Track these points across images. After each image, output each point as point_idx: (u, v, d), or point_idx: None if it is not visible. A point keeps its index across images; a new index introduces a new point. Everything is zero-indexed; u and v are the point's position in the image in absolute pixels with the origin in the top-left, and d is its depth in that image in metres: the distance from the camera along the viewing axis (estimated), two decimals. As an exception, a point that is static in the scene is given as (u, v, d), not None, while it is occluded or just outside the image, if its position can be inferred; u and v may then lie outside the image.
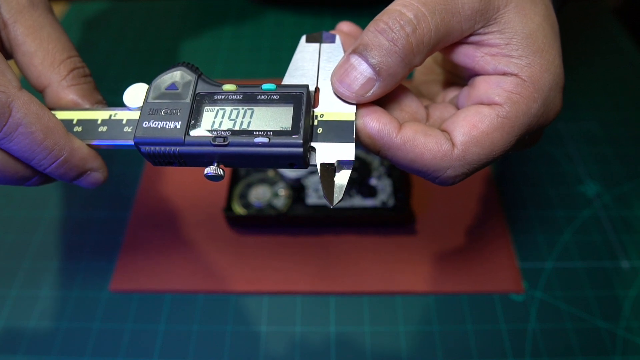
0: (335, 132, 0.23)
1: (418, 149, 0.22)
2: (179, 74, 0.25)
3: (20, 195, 0.44)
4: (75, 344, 0.35)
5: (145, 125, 0.24)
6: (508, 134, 0.23)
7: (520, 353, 0.34)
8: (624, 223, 0.41)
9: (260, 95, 0.24)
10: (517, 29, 0.23)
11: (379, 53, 0.22)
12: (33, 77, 0.29)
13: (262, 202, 0.40)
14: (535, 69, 0.23)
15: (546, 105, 0.24)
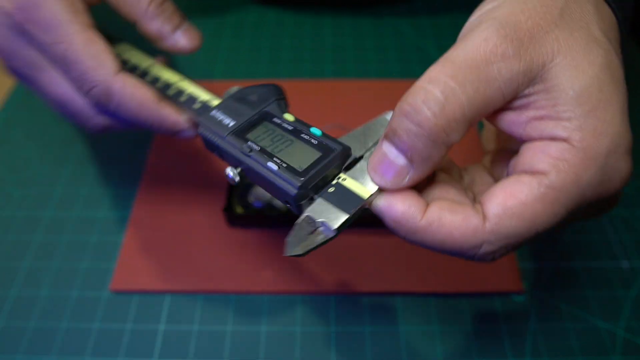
0: (342, 198, 0.23)
1: (445, 229, 0.21)
2: (264, 92, 0.28)
3: (20, 195, 0.44)
4: (75, 344, 0.35)
5: (212, 113, 0.28)
6: (553, 206, 0.20)
7: (520, 353, 0.34)
8: (624, 223, 0.41)
9: (305, 134, 0.25)
10: (565, 85, 0.20)
11: (407, 138, 0.20)
12: (125, 16, 0.36)
13: (262, 202, 0.40)
14: (588, 132, 0.20)
15: (604, 172, 0.20)
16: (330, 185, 0.24)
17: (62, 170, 0.46)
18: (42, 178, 0.46)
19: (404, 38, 0.58)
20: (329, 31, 0.60)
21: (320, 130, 0.25)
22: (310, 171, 0.23)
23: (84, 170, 0.46)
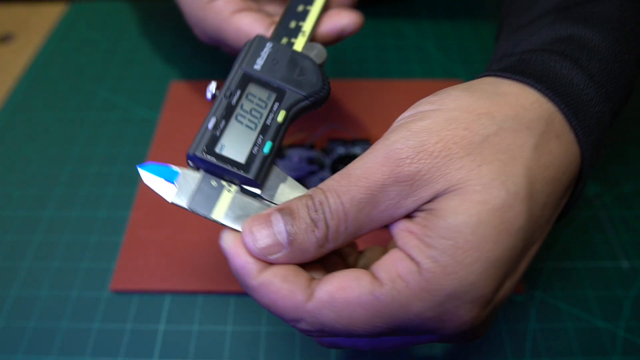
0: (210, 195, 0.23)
1: (272, 295, 0.20)
2: (309, 80, 0.26)
3: (20, 195, 0.44)
4: (75, 344, 0.35)
5: (266, 43, 0.28)
6: (373, 317, 0.20)
7: (520, 353, 0.34)
8: (624, 223, 0.41)
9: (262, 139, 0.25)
10: (444, 214, 0.19)
11: (298, 229, 0.20)
12: None
13: (262, 202, 0.40)
14: (439, 267, 0.19)
15: (439, 312, 0.19)
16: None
17: (62, 170, 0.46)
18: (42, 178, 0.46)
19: (404, 38, 0.58)
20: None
21: (268, 149, 0.24)
22: (223, 159, 0.23)
23: (84, 170, 0.46)
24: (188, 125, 0.49)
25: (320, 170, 0.42)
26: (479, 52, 0.57)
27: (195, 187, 0.23)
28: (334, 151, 0.43)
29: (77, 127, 0.50)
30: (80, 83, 0.55)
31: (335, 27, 0.31)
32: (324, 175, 0.42)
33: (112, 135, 0.49)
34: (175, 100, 0.51)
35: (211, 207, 0.23)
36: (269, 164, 0.24)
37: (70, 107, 0.52)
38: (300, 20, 0.30)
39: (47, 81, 0.55)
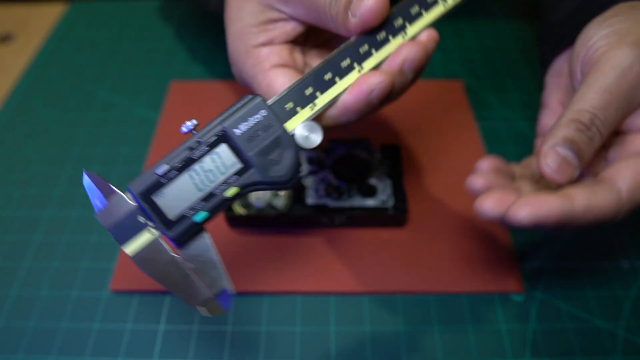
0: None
1: (596, 210, 0.25)
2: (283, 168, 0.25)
3: (20, 195, 0.44)
4: (75, 344, 0.35)
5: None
6: (611, 213, 0.25)
7: (520, 353, 0.34)
8: (624, 223, 0.41)
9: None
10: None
11: (583, 146, 0.26)
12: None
13: (262, 202, 0.40)
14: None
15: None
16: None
17: (62, 170, 0.46)
18: (42, 178, 0.46)
19: (404, 38, 0.58)
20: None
21: (201, 218, 0.24)
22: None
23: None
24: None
25: (320, 170, 0.42)
26: (479, 52, 0.57)
27: (122, 215, 0.23)
28: (334, 151, 0.43)
29: (77, 127, 0.50)
30: (80, 83, 0.55)
31: (360, 92, 0.26)
32: (324, 175, 0.42)
33: (112, 135, 0.49)
34: (175, 100, 0.51)
35: (126, 240, 0.23)
36: (196, 231, 0.23)
37: (70, 107, 0.52)
38: (319, 91, 0.26)
39: (47, 81, 0.55)
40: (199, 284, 0.23)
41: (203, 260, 0.23)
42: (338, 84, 0.26)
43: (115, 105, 0.52)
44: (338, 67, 0.26)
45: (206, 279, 0.23)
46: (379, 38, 0.26)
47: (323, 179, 0.42)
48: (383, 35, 0.26)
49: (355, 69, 0.26)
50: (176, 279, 0.23)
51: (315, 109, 0.26)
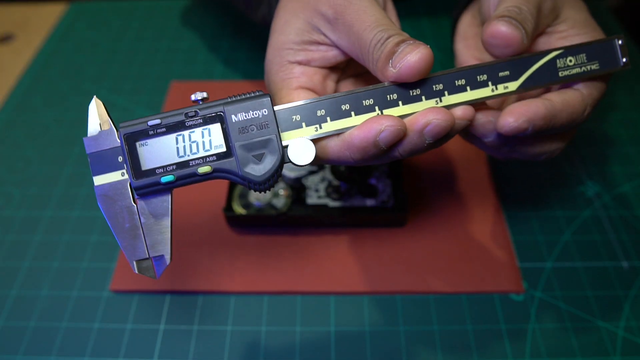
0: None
1: (571, 105, 0.28)
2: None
3: (20, 195, 0.44)
4: (75, 344, 0.35)
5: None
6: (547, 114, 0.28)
7: (520, 353, 0.34)
8: (624, 223, 0.41)
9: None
10: (575, 17, 0.31)
11: (520, 19, 0.28)
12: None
13: (262, 202, 0.40)
14: (597, 38, 0.30)
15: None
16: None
17: (62, 170, 0.46)
18: (42, 178, 0.46)
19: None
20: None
21: (166, 180, 0.24)
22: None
23: (84, 170, 0.46)
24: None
25: (320, 170, 0.42)
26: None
27: (105, 147, 0.24)
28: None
29: (77, 127, 0.50)
30: (80, 83, 0.55)
31: (369, 129, 0.25)
32: (324, 175, 0.42)
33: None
34: (175, 100, 0.51)
35: (99, 171, 0.24)
36: (157, 190, 0.24)
37: (70, 107, 0.52)
38: (330, 116, 0.26)
39: (47, 81, 0.55)
40: (143, 240, 0.24)
41: (156, 220, 0.24)
42: (352, 118, 0.25)
43: (115, 105, 0.52)
44: (359, 103, 0.25)
45: (150, 239, 0.24)
46: (412, 93, 0.26)
47: (323, 179, 0.42)
48: (417, 92, 0.26)
49: (375, 111, 0.26)
50: (125, 227, 0.23)
51: (319, 131, 0.25)
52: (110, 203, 0.24)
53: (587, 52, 0.28)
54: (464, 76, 0.26)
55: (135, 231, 0.24)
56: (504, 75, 0.26)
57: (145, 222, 0.24)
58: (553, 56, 0.27)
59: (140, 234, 0.24)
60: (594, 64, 0.28)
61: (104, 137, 0.24)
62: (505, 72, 0.26)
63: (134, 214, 0.24)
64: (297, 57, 0.29)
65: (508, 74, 0.27)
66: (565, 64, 0.27)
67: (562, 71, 0.27)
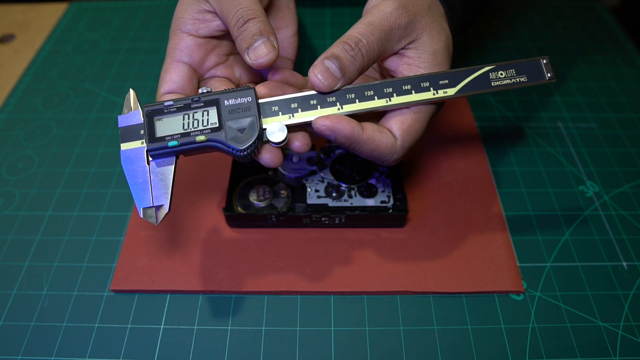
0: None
1: (377, 142, 0.31)
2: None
3: (20, 195, 0.44)
4: (75, 344, 0.35)
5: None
6: (422, 123, 0.33)
7: (521, 353, 0.34)
8: (624, 223, 0.41)
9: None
10: (426, 48, 0.32)
11: (345, 62, 0.31)
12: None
13: (262, 202, 0.40)
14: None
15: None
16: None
17: (62, 170, 0.46)
18: (42, 178, 0.46)
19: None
20: (329, 32, 0.60)
21: (173, 144, 0.30)
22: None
23: (84, 170, 0.46)
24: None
25: (320, 170, 0.42)
26: (477, 51, 0.57)
27: (132, 123, 0.31)
28: (334, 151, 0.43)
29: (77, 127, 0.50)
30: (80, 83, 0.55)
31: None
32: (324, 175, 0.42)
33: (112, 135, 0.49)
34: (175, 100, 0.51)
35: (125, 140, 0.31)
36: (165, 153, 0.31)
37: (70, 107, 0.52)
38: (301, 108, 0.32)
39: (47, 81, 0.55)
40: (150, 193, 0.30)
41: (161, 178, 0.31)
42: (318, 110, 0.32)
43: (115, 105, 0.52)
44: (324, 99, 0.32)
45: (155, 192, 0.30)
46: (366, 94, 0.32)
47: (323, 179, 0.42)
48: (371, 93, 0.32)
49: (336, 106, 0.32)
50: (138, 182, 0.31)
51: (292, 119, 0.31)
52: (130, 163, 0.31)
53: (516, 68, 0.32)
54: (409, 82, 0.32)
55: (145, 185, 0.31)
56: (444, 83, 0.32)
57: (154, 179, 0.31)
58: (485, 70, 0.32)
59: (148, 188, 0.31)
60: (523, 77, 0.32)
61: (132, 116, 0.32)
62: (445, 80, 0.32)
63: (146, 172, 0.31)
64: (187, 27, 0.35)
65: (447, 82, 0.32)
66: (497, 76, 0.32)
67: (494, 82, 0.32)
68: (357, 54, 0.31)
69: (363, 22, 0.32)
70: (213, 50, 0.37)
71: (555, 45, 0.58)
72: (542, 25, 0.61)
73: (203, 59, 0.36)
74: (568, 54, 0.57)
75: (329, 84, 0.31)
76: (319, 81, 0.31)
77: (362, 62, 0.31)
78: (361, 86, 0.32)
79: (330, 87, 0.31)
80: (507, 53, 0.57)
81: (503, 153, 0.47)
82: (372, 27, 0.31)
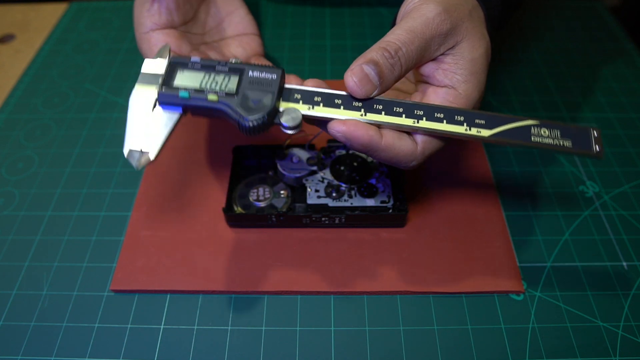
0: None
1: (397, 150, 0.30)
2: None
3: (20, 195, 0.44)
4: (75, 344, 0.35)
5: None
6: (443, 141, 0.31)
7: (521, 353, 0.34)
8: (624, 223, 0.41)
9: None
10: (465, 55, 0.31)
11: (384, 69, 0.30)
12: None
13: (262, 202, 0.40)
14: (470, 86, 0.31)
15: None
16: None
17: (62, 170, 0.46)
18: (42, 178, 0.46)
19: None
20: (329, 32, 0.60)
21: (184, 95, 0.31)
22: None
23: (84, 170, 0.46)
24: (188, 124, 0.49)
25: (320, 170, 0.42)
26: (479, 52, 0.57)
27: (154, 71, 0.32)
28: (333, 151, 0.43)
29: (77, 127, 0.50)
30: (80, 83, 0.55)
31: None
32: (324, 175, 0.42)
33: (112, 135, 0.49)
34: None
35: (141, 83, 0.32)
36: (173, 102, 0.31)
37: (70, 107, 0.52)
38: (323, 103, 0.31)
39: (47, 81, 0.55)
40: (142, 136, 0.31)
41: (159, 127, 0.31)
42: (340, 110, 0.31)
43: (115, 105, 0.52)
44: (350, 102, 0.31)
45: (148, 140, 0.31)
46: (395, 109, 0.31)
47: (323, 179, 0.42)
48: (400, 110, 0.31)
49: (360, 112, 0.30)
50: (136, 122, 0.31)
51: (311, 111, 0.31)
52: (136, 103, 0.32)
53: (562, 130, 0.30)
54: (443, 111, 0.30)
55: (141, 128, 0.31)
56: (480, 122, 0.30)
57: (152, 126, 0.31)
58: (527, 124, 0.30)
59: (142, 132, 0.31)
60: (567, 142, 0.30)
61: (157, 64, 0.33)
62: (482, 120, 0.30)
63: (147, 117, 0.31)
64: (145, 5, 0.40)
65: (484, 122, 0.30)
66: (538, 132, 0.30)
67: (534, 137, 0.30)
68: (397, 62, 0.30)
69: (403, 28, 0.30)
70: (186, 4, 0.42)
71: (555, 45, 0.58)
72: (542, 25, 0.61)
73: (180, 46, 0.40)
74: (568, 54, 0.57)
75: (367, 90, 0.30)
76: (357, 86, 0.30)
77: (400, 72, 0.30)
78: (392, 101, 0.31)
79: (367, 94, 0.30)
80: (507, 53, 0.57)
81: (503, 153, 0.47)
82: (413, 35, 0.30)
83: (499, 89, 0.53)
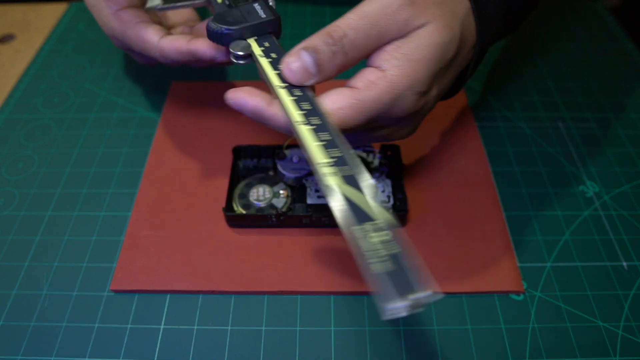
0: None
1: (280, 119, 0.28)
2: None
3: (20, 195, 0.44)
4: (75, 344, 0.35)
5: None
6: (357, 114, 0.28)
7: (521, 353, 0.34)
8: (624, 223, 0.41)
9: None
10: (413, 40, 0.28)
11: (324, 57, 0.28)
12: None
13: (262, 202, 0.40)
14: (400, 72, 0.28)
15: (397, 100, 0.29)
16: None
17: (62, 170, 0.46)
18: (42, 178, 0.46)
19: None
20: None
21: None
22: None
23: (84, 170, 0.46)
24: (188, 125, 0.49)
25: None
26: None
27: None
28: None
29: (77, 127, 0.50)
30: (80, 83, 0.55)
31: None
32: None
33: (112, 135, 0.49)
34: (175, 100, 0.51)
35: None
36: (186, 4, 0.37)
37: (70, 107, 0.52)
38: (265, 55, 0.32)
39: (47, 81, 0.55)
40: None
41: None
42: (274, 72, 0.30)
43: (115, 105, 0.52)
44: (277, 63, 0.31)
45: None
46: (295, 93, 0.29)
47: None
48: (299, 95, 0.29)
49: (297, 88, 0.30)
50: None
51: (255, 51, 0.33)
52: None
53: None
54: (321, 118, 0.28)
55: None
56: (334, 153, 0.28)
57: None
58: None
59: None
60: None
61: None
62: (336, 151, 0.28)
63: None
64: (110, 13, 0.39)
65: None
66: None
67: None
68: (339, 50, 0.28)
69: (356, 12, 0.28)
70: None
71: (555, 45, 0.58)
72: (541, 26, 0.61)
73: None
74: (568, 54, 0.57)
75: (300, 78, 0.28)
76: (291, 72, 0.28)
77: (343, 60, 0.28)
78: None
79: (301, 82, 0.28)
80: (507, 53, 0.57)
81: (503, 153, 0.47)
82: (365, 21, 0.28)
83: (499, 89, 0.53)
